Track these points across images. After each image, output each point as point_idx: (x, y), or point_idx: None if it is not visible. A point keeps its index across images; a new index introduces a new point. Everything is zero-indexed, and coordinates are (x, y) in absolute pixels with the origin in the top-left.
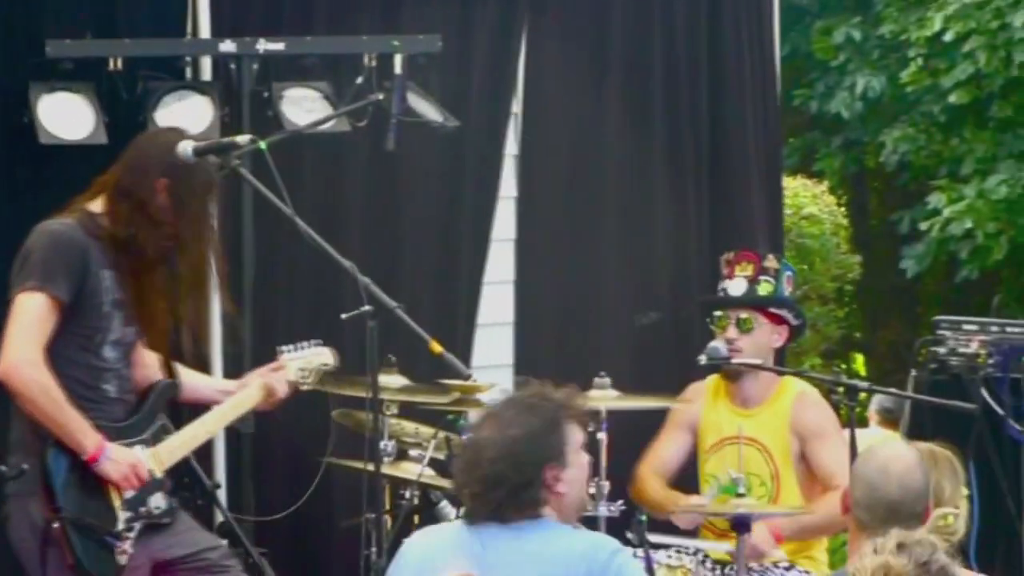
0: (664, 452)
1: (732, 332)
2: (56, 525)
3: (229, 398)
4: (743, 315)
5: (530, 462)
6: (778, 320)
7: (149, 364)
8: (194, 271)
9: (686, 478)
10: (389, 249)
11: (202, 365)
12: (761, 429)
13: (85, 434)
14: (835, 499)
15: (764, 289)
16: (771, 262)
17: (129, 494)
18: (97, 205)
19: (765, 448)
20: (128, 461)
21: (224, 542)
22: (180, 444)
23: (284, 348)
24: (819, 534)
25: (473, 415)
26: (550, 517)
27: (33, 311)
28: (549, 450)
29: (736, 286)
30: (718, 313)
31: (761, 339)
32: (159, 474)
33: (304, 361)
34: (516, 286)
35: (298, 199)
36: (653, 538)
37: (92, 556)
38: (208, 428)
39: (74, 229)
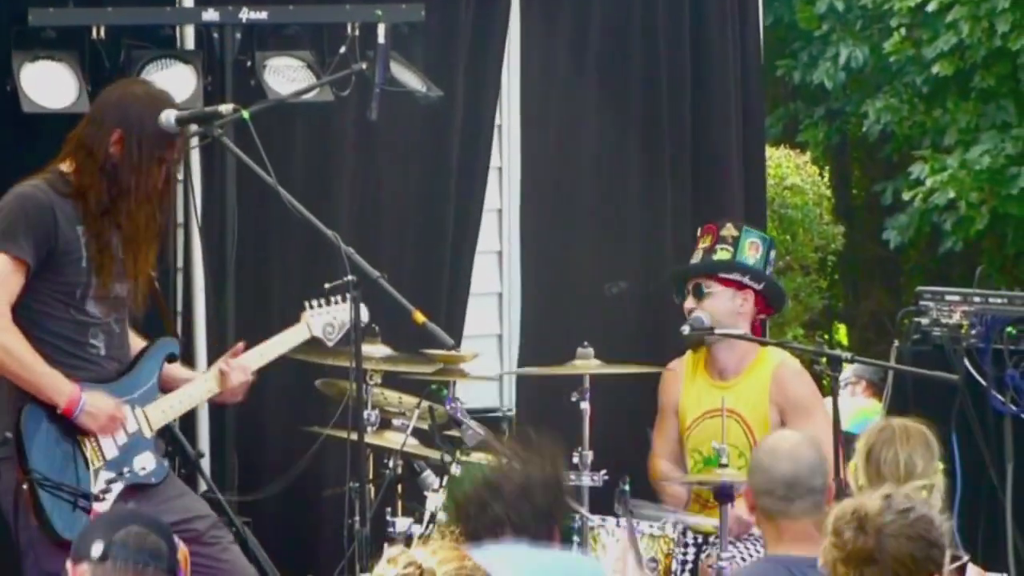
0: (661, 440)
1: (691, 302)
2: (24, 486)
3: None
4: (701, 283)
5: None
6: (737, 285)
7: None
8: (133, 225)
9: None
10: (375, 219)
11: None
12: (739, 400)
13: (58, 389)
14: None
15: (720, 256)
16: (729, 230)
17: (112, 454)
18: (67, 164)
19: (743, 419)
20: (105, 411)
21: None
22: (172, 405)
23: (311, 303)
24: None
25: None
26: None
27: None
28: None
29: (695, 258)
30: (686, 288)
31: (719, 305)
32: (148, 434)
33: (330, 316)
34: (500, 257)
35: (286, 169)
36: (643, 510)
37: (64, 517)
38: (209, 387)
39: (40, 189)
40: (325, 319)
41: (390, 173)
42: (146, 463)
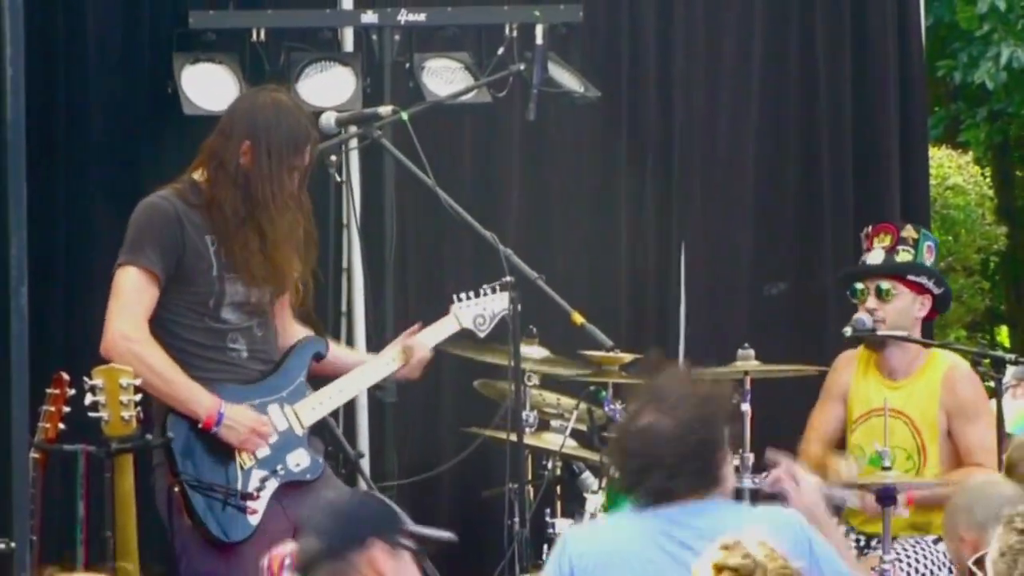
0: (820, 424)
1: (872, 302)
2: (176, 489)
3: (372, 359)
4: (883, 284)
5: (713, 444)
6: (920, 289)
7: (290, 332)
8: (276, 230)
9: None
10: (544, 219)
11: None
12: (909, 402)
13: (197, 401)
14: (970, 473)
15: (903, 258)
16: (909, 232)
17: (264, 453)
18: (199, 173)
19: (912, 421)
20: (246, 424)
21: None
22: (321, 402)
23: (459, 296)
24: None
25: (633, 402)
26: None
27: (124, 285)
28: (723, 434)
29: (875, 257)
30: (859, 286)
31: (903, 308)
32: (299, 432)
33: (480, 308)
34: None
35: (454, 170)
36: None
37: (217, 517)
38: (356, 385)
39: (167, 200)
40: (475, 311)
41: (558, 173)
42: (300, 460)
